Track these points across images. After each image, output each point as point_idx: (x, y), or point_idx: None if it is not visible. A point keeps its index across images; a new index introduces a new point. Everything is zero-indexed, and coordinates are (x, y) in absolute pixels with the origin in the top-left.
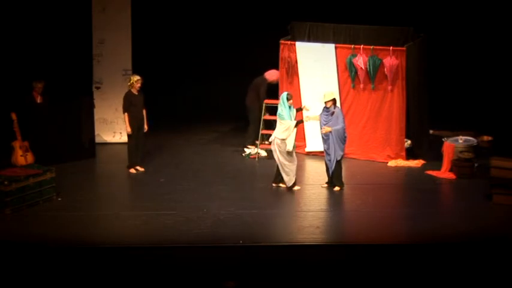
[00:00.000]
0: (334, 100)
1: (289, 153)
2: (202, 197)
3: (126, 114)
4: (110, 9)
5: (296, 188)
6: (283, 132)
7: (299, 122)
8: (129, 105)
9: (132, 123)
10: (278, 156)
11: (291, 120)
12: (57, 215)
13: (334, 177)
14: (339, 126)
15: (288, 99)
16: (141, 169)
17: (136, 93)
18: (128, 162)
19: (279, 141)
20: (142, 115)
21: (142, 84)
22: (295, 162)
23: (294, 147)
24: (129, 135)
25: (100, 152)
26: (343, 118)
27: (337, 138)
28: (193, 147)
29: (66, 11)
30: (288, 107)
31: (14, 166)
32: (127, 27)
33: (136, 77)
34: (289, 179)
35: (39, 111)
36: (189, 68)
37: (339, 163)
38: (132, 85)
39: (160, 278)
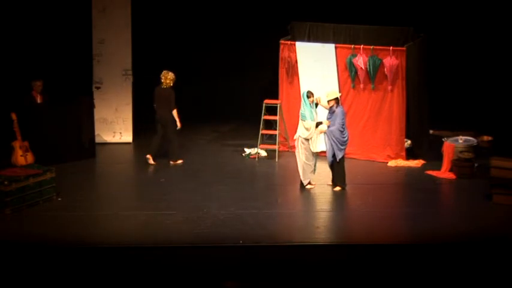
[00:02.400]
0: (336, 99)
1: (311, 153)
2: (202, 197)
3: (176, 109)
4: (110, 9)
5: (309, 186)
6: (305, 132)
7: (319, 123)
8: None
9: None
10: (300, 155)
11: (313, 119)
12: (57, 215)
13: (335, 177)
14: (333, 127)
15: (308, 97)
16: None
17: None
18: (175, 156)
19: (304, 140)
20: None
21: None
22: (315, 161)
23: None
24: (176, 130)
25: (100, 152)
26: (343, 118)
27: (331, 139)
28: (193, 147)
29: (66, 11)
30: (309, 105)
31: (14, 166)
32: (127, 27)
33: (173, 75)
34: (306, 177)
35: (39, 111)
36: (189, 68)
37: (339, 163)
38: (173, 81)
39: (160, 278)
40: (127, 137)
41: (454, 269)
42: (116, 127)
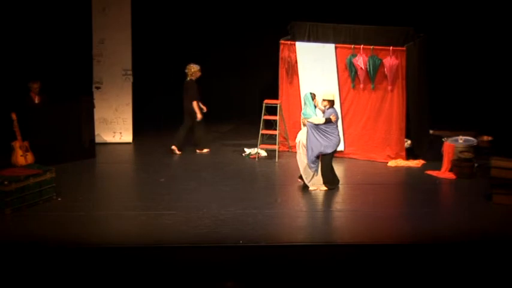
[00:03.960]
0: (330, 102)
1: None
2: (202, 197)
3: (195, 102)
4: (110, 9)
5: (313, 188)
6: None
7: (328, 120)
8: (197, 93)
9: (200, 109)
10: (302, 157)
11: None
12: (57, 215)
13: (322, 177)
14: (310, 123)
15: (312, 99)
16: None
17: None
18: (201, 145)
19: (305, 143)
20: None
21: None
22: (317, 163)
23: None
24: (199, 120)
25: (100, 152)
26: (332, 118)
27: (309, 135)
28: (194, 147)
29: (66, 11)
30: (314, 106)
31: (14, 166)
32: (127, 27)
33: (198, 66)
34: (309, 179)
35: (39, 111)
36: None
37: (322, 162)
38: (194, 74)
39: (160, 278)
40: (127, 137)
41: (454, 269)
42: (116, 127)
